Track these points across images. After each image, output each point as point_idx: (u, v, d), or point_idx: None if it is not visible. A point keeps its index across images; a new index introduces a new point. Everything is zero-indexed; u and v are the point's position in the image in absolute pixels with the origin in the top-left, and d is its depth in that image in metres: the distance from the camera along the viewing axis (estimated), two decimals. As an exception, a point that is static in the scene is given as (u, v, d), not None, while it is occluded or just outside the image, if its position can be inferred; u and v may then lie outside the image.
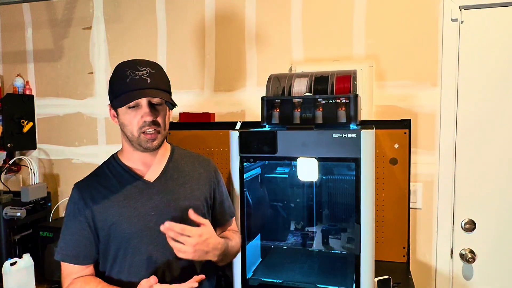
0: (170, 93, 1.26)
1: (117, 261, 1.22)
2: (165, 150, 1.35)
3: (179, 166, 1.34)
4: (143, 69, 1.19)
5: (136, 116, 1.19)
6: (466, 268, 1.80)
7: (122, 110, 1.20)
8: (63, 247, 1.24)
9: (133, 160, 1.29)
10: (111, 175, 1.28)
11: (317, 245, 1.68)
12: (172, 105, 1.22)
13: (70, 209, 1.26)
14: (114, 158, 1.32)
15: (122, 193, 1.24)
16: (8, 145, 2.14)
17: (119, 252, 1.22)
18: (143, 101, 1.18)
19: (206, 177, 1.35)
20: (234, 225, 1.43)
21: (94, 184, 1.27)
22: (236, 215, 1.43)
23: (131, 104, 1.17)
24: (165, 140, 1.34)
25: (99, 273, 1.26)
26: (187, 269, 1.24)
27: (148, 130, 1.19)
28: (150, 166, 1.29)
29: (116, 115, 1.25)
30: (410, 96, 1.79)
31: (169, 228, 1.09)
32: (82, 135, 2.28)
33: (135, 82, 1.17)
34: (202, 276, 1.15)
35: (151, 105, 1.19)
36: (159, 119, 1.21)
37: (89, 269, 1.25)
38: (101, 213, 1.22)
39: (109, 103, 1.26)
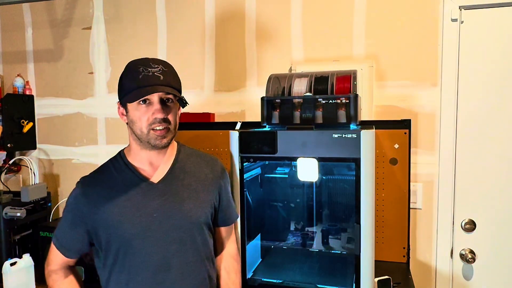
0: (181, 92, 1.25)
1: (118, 261, 1.21)
2: (172, 149, 1.32)
3: (185, 166, 1.31)
4: (156, 66, 1.18)
5: (146, 113, 1.17)
6: (466, 268, 1.80)
7: (132, 106, 1.18)
8: (60, 237, 1.28)
9: (140, 159, 1.26)
10: (116, 174, 1.26)
11: (317, 245, 1.68)
12: (184, 103, 1.21)
13: (70, 202, 1.25)
14: (121, 155, 1.29)
15: (125, 193, 1.22)
16: (8, 145, 2.14)
17: (120, 252, 1.20)
18: (155, 98, 1.17)
19: (213, 179, 1.32)
20: (233, 232, 1.42)
21: (98, 182, 1.25)
22: (237, 216, 1.43)
23: (142, 99, 1.16)
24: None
25: (101, 272, 1.27)
26: (188, 271, 1.24)
27: (158, 127, 1.18)
28: (156, 166, 1.27)
29: (125, 113, 1.23)
30: (410, 96, 1.79)
31: None
32: (82, 135, 2.28)
33: (148, 78, 1.16)
34: None
35: (162, 102, 1.18)
36: (170, 117, 1.20)
37: (73, 261, 1.30)
38: (103, 213, 1.20)
39: (118, 101, 1.24)
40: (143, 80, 1.15)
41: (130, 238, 1.19)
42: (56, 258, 1.28)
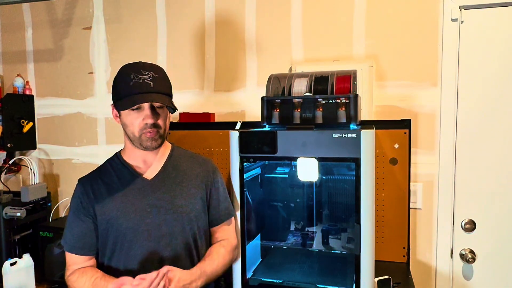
0: (171, 96, 1.31)
1: (115, 255, 1.28)
2: (165, 149, 1.39)
3: (178, 165, 1.38)
4: (147, 73, 1.23)
5: (138, 118, 1.24)
6: (466, 268, 1.80)
7: (125, 111, 1.25)
8: (71, 238, 1.29)
9: (134, 157, 1.34)
10: (113, 172, 1.34)
11: (317, 245, 1.68)
12: (173, 109, 1.27)
13: (74, 202, 1.32)
14: (117, 155, 1.38)
15: (121, 189, 1.30)
16: (8, 145, 2.14)
17: (116, 246, 1.27)
18: (145, 104, 1.23)
19: (203, 177, 1.39)
20: (231, 229, 1.43)
21: (96, 179, 1.33)
22: (236, 216, 1.43)
23: (134, 107, 1.22)
24: (166, 140, 1.37)
25: (99, 265, 1.31)
26: (180, 266, 1.25)
27: (149, 132, 1.25)
28: (150, 164, 1.35)
29: (118, 115, 1.30)
30: (410, 96, 1.79)
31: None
32: (82, 135, 2.27)
33: (139, 85, 1.21)
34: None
35: (152, 108, 1.24)
36: (160, 122, 1.27)
37: (92, 260, 1.30)
38: (101, 208, 1.28)
39: (112, 103, 1.31)
40: (134, 87, 1.21)
41: (125, 232, 1.26)
42: (74, 263, 1.29)
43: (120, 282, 1.13)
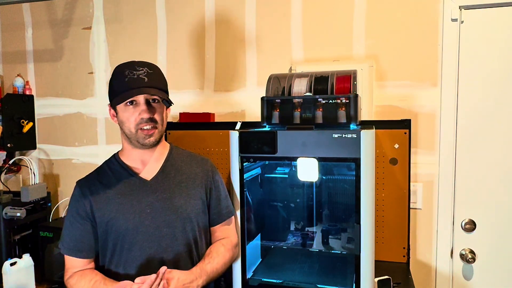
0: (167, 92, 1.31)
1: (115, 256, 1.27)
2: (164, 149, 1.39)
3: (176, 165, 1.37)
4: (141, 69, 1.24)
5: (134, 113, 1.24)
6: (466, 268, 1.80)
7: (120, 107, 1.25)
8: (69, 242, 1.29)
9: (132, 158, 1.33)
10: (111, 173, 1.33)
11: (317, 245, 1.68)
12: (168, 103, 1.26)
13: (72, 204, 1.31)
14: (115, 157, 1.37)
15: (120, 191, 1.29)
16: (8, 145, 2.14)
17: (116, 247, 1.26)
18: (141, 99, 1.23)
19: (202, 177, 1.38)
20: (231, 227, 1.43)
21: (94, 181, 1.32)
22: (236, 215, 1.44)
23: (129, 101, 1.22)
24: (164, 139, 1.37)
25: (99, 267, 1.30)
26: (181, 266, 1.26)
27: (145, 127, 1.24)
28: (148, 165, 1.33)
29: (115, 114, 1.30)
30: (410, 96, 1.79)
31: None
32: (82, 135, 2.28)
33: (133, 81, 1.22)
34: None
35: (148, 103, 1.24)
36: (156, 116, 1.26)
37: (91, 263, 1.30)
38: (99, 209, 1.27)
39: (109, 103, 1.31)
40: (129, 82, 1.22)
41: (125, 234, 1.25)
42: (72, 267, 1.29)
43: (121, 286, 1.13)
